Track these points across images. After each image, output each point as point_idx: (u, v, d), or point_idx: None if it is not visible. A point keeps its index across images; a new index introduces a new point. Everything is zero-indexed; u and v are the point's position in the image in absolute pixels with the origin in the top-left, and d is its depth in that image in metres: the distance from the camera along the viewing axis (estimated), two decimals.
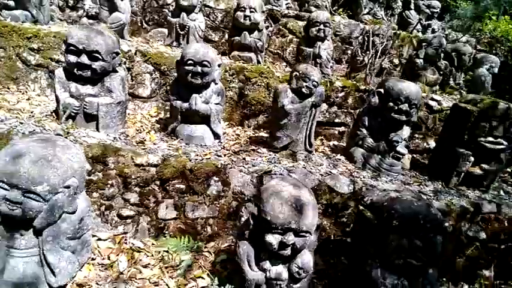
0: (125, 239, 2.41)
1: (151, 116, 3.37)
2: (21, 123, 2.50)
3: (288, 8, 5.58)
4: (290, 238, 1.75)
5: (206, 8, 4.64)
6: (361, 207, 2.32)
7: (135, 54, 3.47)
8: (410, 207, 2.03)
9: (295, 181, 1.98)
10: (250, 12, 3.97)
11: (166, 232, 2.50)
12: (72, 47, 2.44)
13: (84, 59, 2.46)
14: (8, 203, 1.66)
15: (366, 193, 2.63)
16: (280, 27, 4.94)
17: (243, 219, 2.56)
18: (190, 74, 2.68)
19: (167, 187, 2.51)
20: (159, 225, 2.51)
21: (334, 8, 5.82)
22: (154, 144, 2.76)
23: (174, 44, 4.23)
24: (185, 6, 4.02)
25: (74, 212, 1.88)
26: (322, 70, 4.38)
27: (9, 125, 2.42)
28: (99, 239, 2.31)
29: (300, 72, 2.80)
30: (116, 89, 2.66)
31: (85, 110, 2.61)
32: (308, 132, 3.01)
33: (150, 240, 2.45)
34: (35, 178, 1.65)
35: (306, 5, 5.45)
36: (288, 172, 2.70)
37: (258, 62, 4.21)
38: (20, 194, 1.65)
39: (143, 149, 2.63)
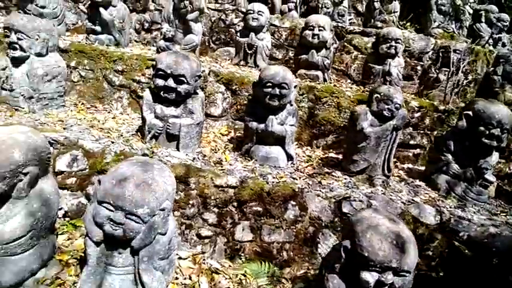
0: (203, 259, 2.45)
1: (222, 135, 3.44)
2: (112, 142, 2.68)
3: (351, 23, 5.46)
4: (389, 277, 1.63)
5: (271, 27, 4.71)
6: (456, 243, 2.12)
7: (209, 74, 3.60)
8: None
9: (389, 214, 1.87)
10: (319, 30, 3.94)
11: (242, 254, 2.49)
12: (161, 72, 2.58)
13: (170, 82, 2.59)
14: (111, 223, 1.75)
15: (455, 225, 2.42)
16: (345, 43, 4.84)
17: (320, 247, 2.48)
18: (268, 96, 2.69)
19: (244, 209, 2.51)
20: (235, 246, 2.51)
21: (402, 23, 5.59)
22: (230, 165, 2.79)
23: (242, 62, 4.32)
24: (254, 27, 4.10)
25: (165, 233, 1.94)
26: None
27: (103, 143, 2.60)
28: (180, 258, 2.37)
29: (382, 94, 2.69)
30: (196, 110, 2.76)
31: (168, 130, 2.73)
32: (387, 156, 2.87)
33: (226, 262, 2.45)
34: (137, 201, 1.72)
35: (372, 20, 5.30)
36: (367, 199, 2.58)
37: (325, 80, 4.14)
38: (123, 216, 1.74)
39: (221, 169, 2.67)
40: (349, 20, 5.47)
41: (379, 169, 2.89)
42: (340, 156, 3.28)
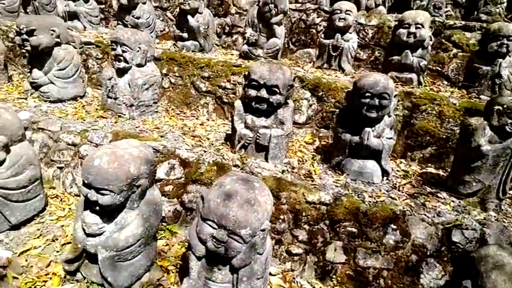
0: (293, 277, 2.37)
1: (307, 143, 3.31)
2: (205, 151, 2.74)
3: (447, 16, 4.86)
4: None
5: (357, 25, 4.41)
6: None
7: (294, 80, 3.49)
8: None
9: None
10: (416, 28, 3.55)
11: (334, 276, 2.36)
12: (254, 82, 2.54)
13: (263, 93, 2.54)
14: (214, 240, 1.76)
15: None
16: (443, 40, 4.31)
17: (423, 278, 2.23)
18: (365, 107, 2.48)
19: (337, 228, 2.37)
20: (326, 267, 2.38)
21: (510, 16, 4.81)
22: (320, 178, 2.66)
23: (325, 65, 4.13)
24: (341, 27, 3.87)
25: (262, 253, 1.90)
26: (502, 92, 3.63)
27: (197, 153, 2.67)
28: (270, 274, 2.32)
29: (505, 106, 2.29)
30: (287, 120, 2.67)
31: (258, 141, 2.70)
32: (504, 177, 2.45)
33: (317, 283, 2.34)
34: (240, 222, 1.70)
35: (475, 12, 4.64)
36: (480, 227, 2.23)
37: (420, 83, 3.74)
38: (225, 234, 1.73)
39: (312, 184, 2.56)
40: (446, 12, 4.87)
41: (493, 192, 2.49)
42: (442, 173, 2.93)
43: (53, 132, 2.91)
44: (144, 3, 4.53)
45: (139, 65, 3.22)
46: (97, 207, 1.81)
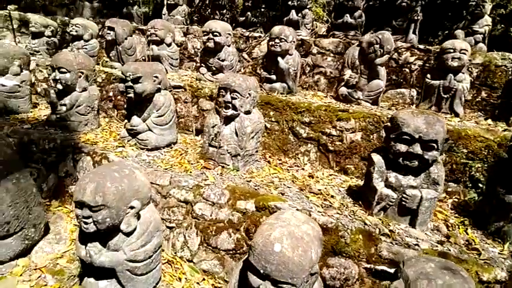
0: None
1: (441, 201, 2.84)
2: (339, 213, 2.36)
3: None
4: None
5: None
6: None
7: None
8: None
9: None
10: None
11: None
12: (406, 136, 2.18)
13: (417, 148, 2.17)
14: None
15: None
16: None
17: None
18: None
19: None
20: None
21: None
22: (482, 249, 2.18)
23: (433, 108, 3.74)
24: (455, 67, 3.50)
25: None
26: None
27: (332, 217, 2.29)
28: None
29: None
30: (441, 180, 2.26)
31: (403, 203, 2.29)
32: None
33: None
34: None
35: None
36: None
37: None
38: None
39: (482, 259, 2.08)
40: None
41: None
42: None
43: (162, 186, 2.66)
44: (229, 45, 4.44)
45: (247, 112, 2.98)
46: None
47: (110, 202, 1.77)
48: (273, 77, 4.16)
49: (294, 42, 4.10)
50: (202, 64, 4.56)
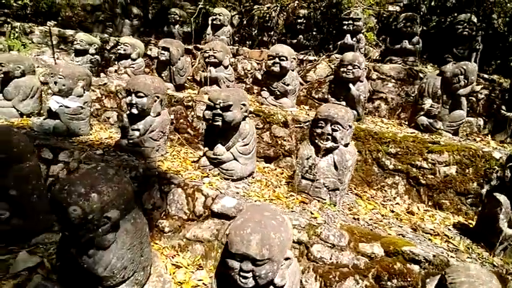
0: None
1: None
2: (469, 257, 2.21)
3: None
4: None
5: None
6: None
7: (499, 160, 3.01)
8: None
9: None
10: None
11: None
12: None
13: None
14: None
15: None
16: None
17: None
18: None
19: None
20: None
21: None
22: None
23: (508, 140, 3.67)
24: None
25: None
26: None
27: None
28: None
29: None
30: None
31: None
32: None
33: None
34: None
35: None
36: None
37: None
38: None
39: None
40: None
41: None
42: None
43: None
44: (293, 70, 4.36)
45: (346, 145, 2.86)
46: None
47: (274, 255, 1.61)
48: (343, 103, 4.07)
49: (365, 69, 4.03)
50: (264, 88, 4.46)
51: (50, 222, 2.69)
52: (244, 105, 3.11)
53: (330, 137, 2.80)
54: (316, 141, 2.87)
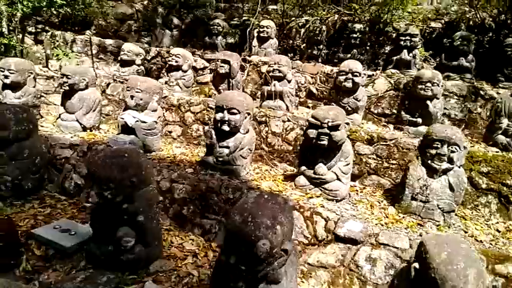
0: None
1: None
2: None
3: None
4: None
5: None
6: None
7: None
8: None
9: None
10: None
11: None
12: None
13: None
14: None
15: None
16: None
17: None
18: None
19: None
20: None
21: None
22: None
23: None
24: None
25: None
26: None
27: None
28: None
29: None
30: None
31: None
32: None
33: None
34: None
35: None
36: None
37: None
38: None
39: None
40: None
41: None
42: None
43: (402, 250, 2.43)
44: (363, 86, 4.35)
45: (460, 166, 2.85)
46: None
47: None
48: (419, 120, 4.08)
49: (443, 86, 4.06)
50: (332, 103, 4.42)
51: (161, 249, 2.57)
52: (348, 124, 3.06)
53: (445, 158, 2.78)
54: (430, 162, 2.85)
